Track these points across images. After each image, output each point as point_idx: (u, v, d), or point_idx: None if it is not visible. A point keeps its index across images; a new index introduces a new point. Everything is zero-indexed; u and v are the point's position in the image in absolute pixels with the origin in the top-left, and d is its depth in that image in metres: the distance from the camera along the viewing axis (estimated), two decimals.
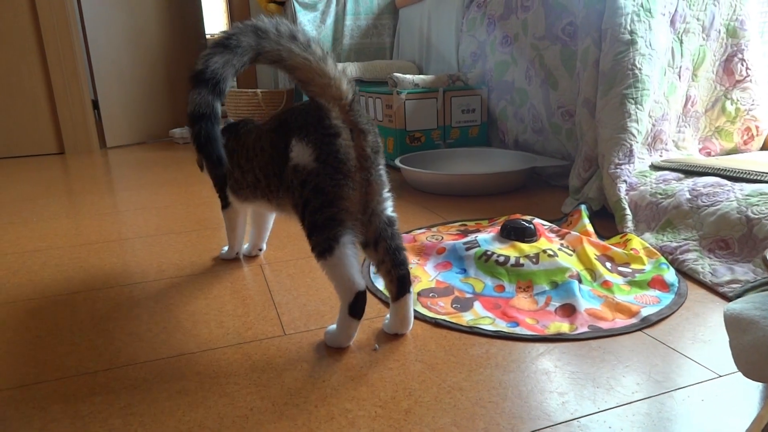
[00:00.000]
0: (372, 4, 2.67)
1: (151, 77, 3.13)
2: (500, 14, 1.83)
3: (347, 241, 0.66)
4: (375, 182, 0.68)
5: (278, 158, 0.71)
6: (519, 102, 1.78)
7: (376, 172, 0.69)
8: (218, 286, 0.96)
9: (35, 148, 2.75)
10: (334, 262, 0.66)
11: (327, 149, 0.64)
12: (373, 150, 0.68)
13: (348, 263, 0.66)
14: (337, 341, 0.72)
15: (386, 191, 0.71)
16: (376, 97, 2.01)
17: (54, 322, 0.84)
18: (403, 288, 0.71)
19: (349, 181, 0.65)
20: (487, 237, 1.00)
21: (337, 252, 0.66)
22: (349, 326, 0.70)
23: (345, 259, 0.66)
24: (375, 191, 0.69)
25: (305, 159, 0.66)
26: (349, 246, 0.66)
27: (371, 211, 0.70)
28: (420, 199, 1.50)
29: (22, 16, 2.59)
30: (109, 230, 1.33)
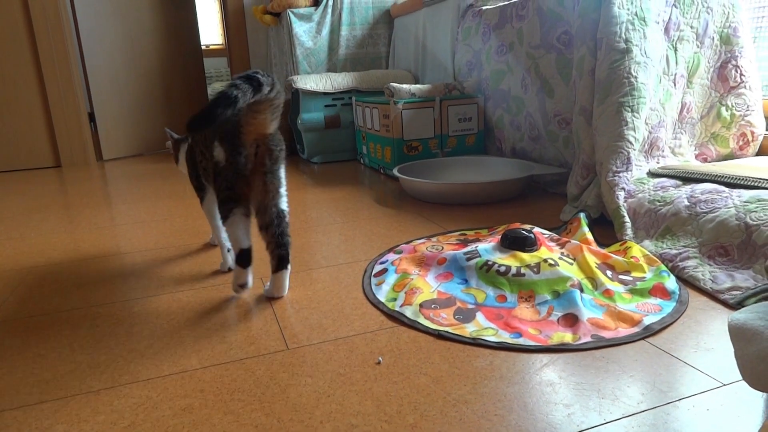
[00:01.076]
0: (367, 15, 2.68)
1: (147, 89, 3.13)
2: (495, 23, 1.84)
3: (238, 213, 0.91)
4: (271, 183, 0.91)
5: (210, 154, 0.94)
6: (515, 110, 1.78)
7: (273, 176, 0.91)
8: (219, 300, 0.95)
9: (31, 162, 2.74)
10: (228, 225, 0.92)
11: (234, 156, 0.88)
12: (273, 162, 0.90)
13: (238, 228, 0.92)
14: (234, 284, 0.95)
15: (282, 189, 0.94)
16: (373, 107, 2.02)
17: (55, 339, 0.83)
18: (281, 264, 0.94)
19: (244, 178, 0.89)
20: (488, 247, 1.00)
21: (230, 220, 0.91)
22: (239, 272, 0.94)
23: (235, 225, 0.91)
24: (270, 189, 0.91)
25: (221, 157, 0.90)
26: (239, 217, 0.91)
27: (267, 203, 0.91)
28: (419, 209, 1.50)
29: (18, 30, 2.60)
30: (107, 245, 1.32)
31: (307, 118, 2.32)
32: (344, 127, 2.39)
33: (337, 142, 2.40)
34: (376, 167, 2.13)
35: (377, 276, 1.01)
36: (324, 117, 2.33)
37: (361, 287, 0.98)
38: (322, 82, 2.31)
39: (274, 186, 0.91)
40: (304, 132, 2.35)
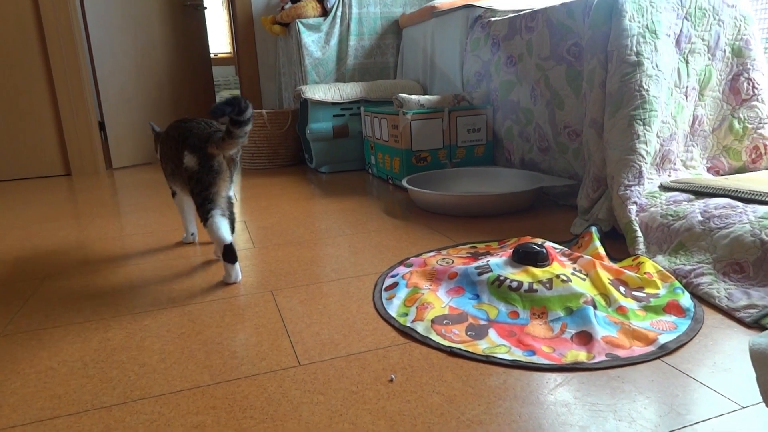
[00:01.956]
0: (375, 25, 2.70)
1: (156, 98, 3.15)
2: (504, 35, 1.84)
3: (217, 213, 1.08)
4: (229, 180, 1.12)
5: (178, 159, 1.10)
6: (524, 121, 1.78)
7: (231, 175, 1.12)
8: (230, 313, 0.95)
9: (42, 170, 2.77)
10: (209, 227, 1.07)
11: (206, 161, 1.06)
12: (234, 165, 1.12)
13: (218, 228, 1.07)
14: (225, 279, 1.10)
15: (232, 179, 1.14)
16: (382, 118, 2.03)
17: (67, 352, 0.83)
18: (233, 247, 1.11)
19: (219, 179, 1.07)
20: (499, 261, 0.99)
21: (210, 221, 1.07)
22: (229, 268, 1.09)
23: (215, 225, 1.07)
24: (228, 184, 1.12)
25: (192, 164, 1.07)
26: (218, 216, 1.08)
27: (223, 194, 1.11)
28: (428, 221, 1.50)
29: (31, 41, 2.62)
30: (118, 255, 1.33)
31: (316, 127, 2.32)
32: (352, 137, 2.39)
33: (345, 152, 2.40)
34: (385, 177, 2.13)
35: (388, 290, 1.01)
36: (332, 127, 2.34)
37: (372, 301, 0.97)
38: (331, 92, 2.32)
39: (230, 181, 1.13)
40: (313, 141, 2.35)
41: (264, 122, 2.53)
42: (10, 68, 2.62)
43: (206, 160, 1.06)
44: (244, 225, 1.56)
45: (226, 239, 1.07)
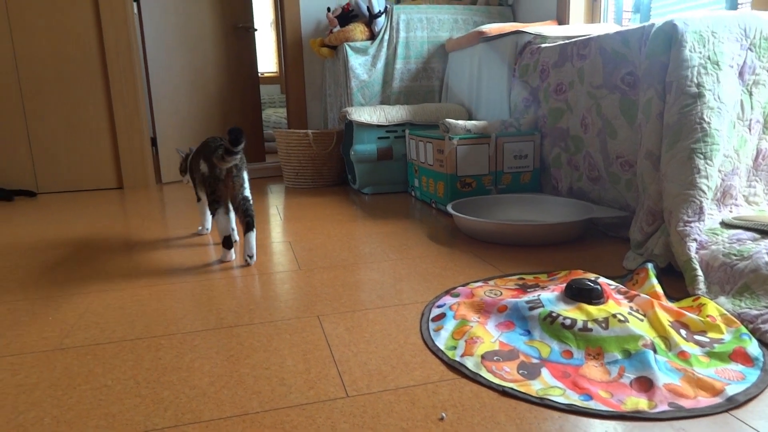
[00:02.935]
0: (422, 49, 2.72)
1: (206, 115, 3.25)
2: (554, 62, 1.82)
3: (221, 210, 1.38)
4: (236, 182, 1.38)
5: (198, 167, 1.43)
6: (574, 149, 1.75)
7: (238, 178, 1.38)
8: (277, 338, 0.95)
9: (96, 183, 2.88)
10: (215, 219, 1.39)
11: (213, 170, 1.36)
12: (237, 170, 1.38)
13: (220, 221, 1.39)
14: (221, 257, 1.43)
15: (245, 184, 1.41)
16: (427, 142, 2.03)
17: (120, 370, 0.85)
18: (248, 227, 1.39)
19: (221, 182, 1.37)
20: (551, 297, 0.97)
21: (216, 215, 1.38)
22: (225, 252, 1.42)
23: (220, 218, 1.39)
24: (237, 185, 1.39)
25: (204, 170, 1.38)
26: (221, 212, 1.38)
27: (236, 194, 1.39)
28: (473, 248, 1.48)
29: (91, 58, 2.76)
30: (167, 270, 1.36)
31: (360, 149, 2.34)
32: (396, 160, 2.40)
33: (388, 174, 2.41)
34: (428, 201, 2.12)
35: (435, 321, 0.99)
36: (377, 149, 2.36)
37: (419, 332, 0.96)
38: (376, 115, 2.34)
39: (239, 183, 1.39)
40: (357, 163, 2.37)
41: (309, 142, 2.57)
42: (72, 84, 2.76)
43: (212, 168, 1.37)
44: (289, 246, 1.57)
45: (226, 230, 1.40)
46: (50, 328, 1.02)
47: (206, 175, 1.38)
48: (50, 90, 2.74)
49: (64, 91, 2.76)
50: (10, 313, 1.11)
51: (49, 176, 2.82)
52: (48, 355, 0.91)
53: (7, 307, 1.15)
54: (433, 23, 2.71)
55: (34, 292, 1.24)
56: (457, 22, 2.73)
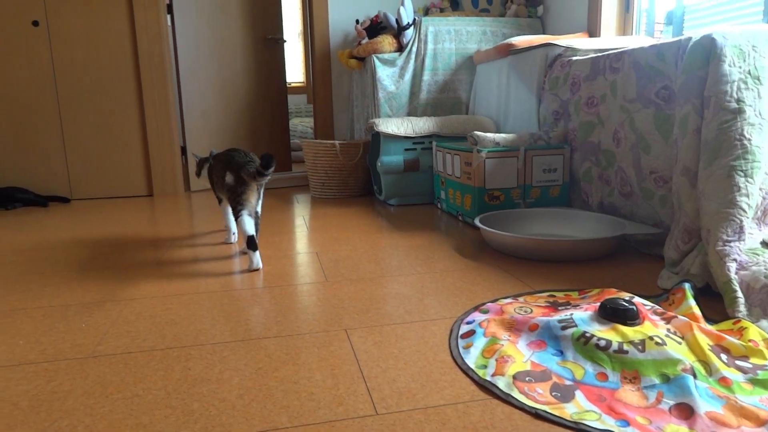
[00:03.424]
0: (450, 61, 2.71)
1: (235, 125, 3.30)
2: (586, 75, 1.80)
3: (245, 213, 1.48)
4: (257, 197, 1.55)
5: (223, 176, 1.54)
6: (605, 163, 1.72)
7: (259, 192, 1.55)
8: (305, 351, 0.95)
9: (127, 190, 2.94)
10: (239, 222, 1.47)
11: (238, 181, 1.48)
12: (259, 187, 1.55)
13: (245, 223, 1.47)
14: (249, 266, 1.48)
15: (260, 200, 1.58)
16: (455, 154, 2.02)
17: (151, 380, 0.86)
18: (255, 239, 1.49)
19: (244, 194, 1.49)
20: (584, 316, 0.94)
21: (240, 219, 1.47)
22: (251, 254, 1.47)
23: (244, 221, 1.47)
24: (255, 200, 1.53)
25: (230, 180, 1.50)
26: (245, 215, 1.48)
27: (254, 206, 1.52)
28: (501, 262, 1.46)
29: (126, 69, 2.83)
30: (196, 281, 1.37)
31: (387, 160, 2.34)
32: (423, 171, 2.39)
33: (414, 186, 2.41)
34: (454, 213, 2.11)
35: (464, 338, 0.98)
36: (403, 160, 2.35)
37: (448, 349, 0.95)
38: (404, 126, 2.34)
39: (257, 199, 1.55)
40: (383, 174, 2.37)
41: (336, 153, 2.58)
42: (106, 93, 2.83)
43: (238, 179, 1.49)
44: (316, 256, 1.58)
45: (249, 232, 1.47)
46: (83, 336, 1.04)
47: (231, 185, 1.49)
48: (85, 99, 2.82)
49: (99, 101, 2.83)
50: (44, 319, 1.13)
51: (82, 183, 2.89)
52: (81, 362, 0.93)
53: (42, 312, 1.17)
54: (461, 35, 2.70)
55: (69, 297, 1.27)
56: (486, 34, 2.73)
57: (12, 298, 1.28)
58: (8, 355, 0.96)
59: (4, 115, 2.76)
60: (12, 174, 2.82)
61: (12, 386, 0.85)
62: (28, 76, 2.75)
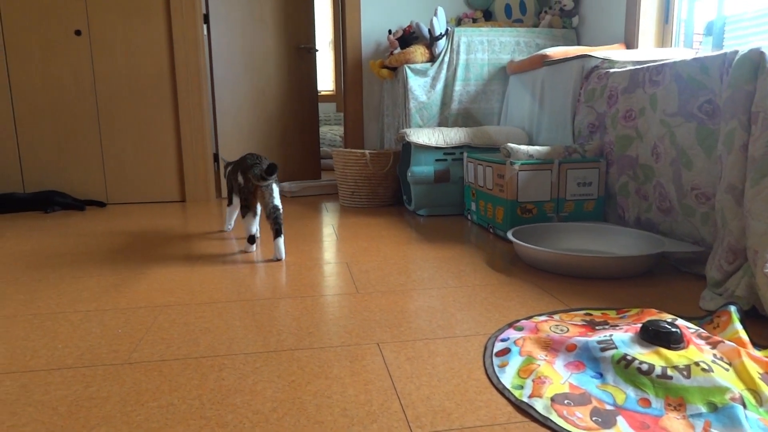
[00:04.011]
0: (482, 71, 2.70)
1: (266, 133, 3.34)
2: (624, 87, 1.76)
3: (250, 213, 1.70)
4: (267, 193, 1.66)
5: (236, 178, 1.74)
6: (643, 178, 1.68)
7: (267, 190, 1.66)
8: (337, 364, 0.95)
9: (161, 195, 3.00)
10: (244, 219, 1.69)
11: (247, 183, 1.65)
12: (266, 188, 1.66)
13: (250, 222, 1.71)
14: (246, 248, 1.75)
15: (275, 194, 1.68)
16: (487, 166, 2.00)
17: (186, 388, 0.86)
18: (277, 234, 1.65)
19: (252, 193, 1.67)
20: (625, 338, 0.91)
21: (246, 217, 1.69)
22: (248, 246, 1.73)
23: (249, 220, 1.70)
24: (266, 196, 1.66)
25: (240, 181, 1.68)
26: (250, 215, 1.70)
27: (267, 202, 1.66)
28: (534, 278, 1.43)
29: (163, 78, 2.89)
30: (228, 288, 1.38)
31: (418, 171, 2.34)
32: (453, 182, 2.38)
33: (444, 197, 2.39)
34: (485, 226, 2.08)
35: (499, 356, 0.96)
36: (434, 171, 2.34)
37: (483, 367, 0.93)
38: (435, 137, 2.33)
39: (269, 194, 1.66)
40: (413, 184, 2.36)
41: (366, 162, 2.59)
42: (143, 101, 2.90)
43: (246, 181, 1.67)
44: (346, 267, 1.57)
45: (251, 231, 1.73)
46: (119, 341, 1.06)
47: (242, 186, 1.70)
48: (123, 107, 2.89)
49: (136, 108, 2.90)
50: (81, 323, 1.16)
51: (118, 188, 2.96)
52: (118, 368, 0.94)
53: (80, 316, 1.20)
54: (494, 45, 2.69)
55: (105, 302, 1.29)
56: (519, 45, 2.70)
57: (52, 301, 1.31)
58: (48, 359, 0.98)
59: (48, 121, 2.85)
60: (53, 178, 2.90)
61: (52, 390, 0.86)
62: (70, 84, 2.84)
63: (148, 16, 2.83)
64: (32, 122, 2.85)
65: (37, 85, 2.81)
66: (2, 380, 0.90)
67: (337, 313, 1.19)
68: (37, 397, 0.84)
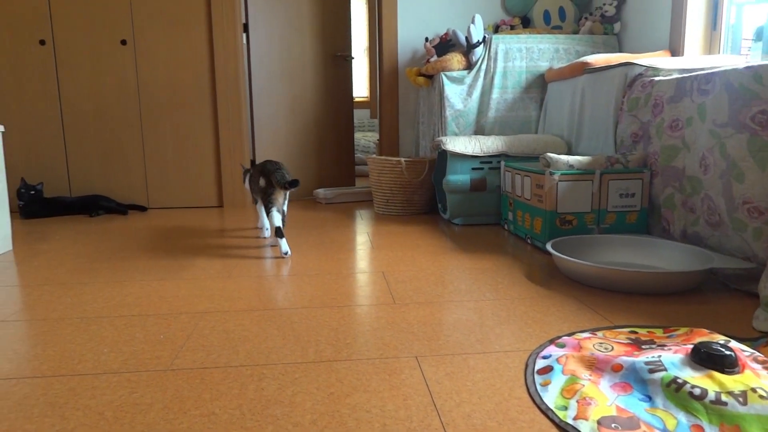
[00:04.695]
0: (520, 79, 2.66)
1: (302, 140, 3.38)
2: (670, 96, 1.71)
3: (274, 209, 1.86)
4: (282, 198, 1.91)
5: (257, 181, 1.96)
6: (690, 190, 1.62)
7: (282, 197, 1.91)
8: (376, 377, 0.94)
9: (199, 201, 3.06)
10: (270, 216, 1.85)
11: (269, 185, 1.88)
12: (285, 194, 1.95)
13: (273, 217, 1.85)
14: (280, 251, 1.86)
15: (286, 201, 2.01)
16: (525, 175, 1.96)
17: (227, 397, 0.87)
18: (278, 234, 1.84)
19: (274, 195, 1.88)
20: (675, 360, 0.88)
21: (270, 213, 1.85)
22: (279, 241, 1.83)
23: (273, 216, 1.85)
24: (282, 200, 1.92)
25: (263, 184, 1.90)
26: (275, 211, 1.86)
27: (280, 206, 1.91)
28: (574, 292, 1.40)
29: (203, 85, 2.96)
30: (266, 297, 1.40)
31: (454, 179, 2.32)
32: (489, 191, 2.35)
33: (480, 206, 2.36)
34: (522, 236, 2.05)
35: (541, 374, 0.93)
36: (470, 179, 2.32)
37: (525, 385, 0.91)
38: (471, 145, 2.31)
39: (283, 199, 1.94)
40: (449, 193, 2.35)
41: (401, 170, 2.58)
42: (184, 109, 2.97)
43: (269, 183, 1.88)
44: (382, 276, 1.57)
45: (277, 224, 1.85)
46: (161, 348, 1.08)
47: (264, 187, 1.92)
48: (165, 114, 2.97)
49: (177, 116, 2.97)
50: (126, 328, 1.18)
51: (158, 193, 3.04)
52: (160, 375, 0.96)
53: (124, 321, 1.23)
54: (532, 53, 2.65)
55: (147, 307, 1.32)
56: (558, 52, 2.66)
57: (97, 305, 1.35)
58: (95, 363, 1.01)
59: (94, 128, 2.95)
60: (98, 183, 3.00)
61: (98, 395, 0.89)
62: (115, 92, 2.93)
63: (190, 25, 2.90)
64: (79, 129, 2.95)
65: (84, 92, 2.92)
66: (52, 383, 0.93)
67: (375, 324, 1.19)
68: (84, 401, 0.87)
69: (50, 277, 1.61)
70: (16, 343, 1.11)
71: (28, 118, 2.92)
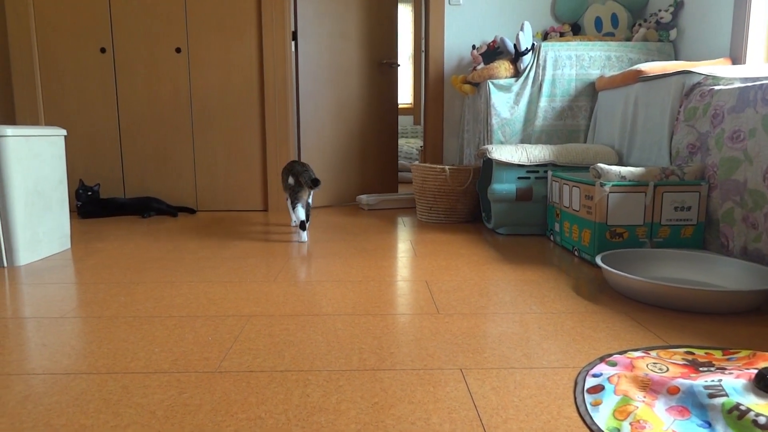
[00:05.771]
0: (569, 87, 2.61)
1: (346, 146, 3.41)
2: (731, 106, 1.63)
3: (299, 205, 2.24)
4: (308, 195, 2.27)
5: (286, 179, 2.30)
6: (752, 205, 1.54)
7: (308, 194, 2.26)
8: (420, 389, 0.93)
9: (245, 204, 3.13)
10: (295, 210, 2.24)
11: (297, 183, 2.23)
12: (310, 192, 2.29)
13: (299, 211, 2.23)
14: (297, 238, 2.27)
15: (310, 195, 2.31)
16: (574, 186, 1.92)
17: (272, 402, 0.88)
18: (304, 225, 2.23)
19: (301, 191, 2.23)
20: (737, 385, 0.83)
21: (296, 208, 2.24)
22: (301, 232, 2.22)
23: (298, 210, 2.23)
24: (308, 196, 2.27)
25: (291, 182, 2.25)
26: (299, 206, 2.24)
27: (305, 200, 2.26)
28: (625, 308, 1.35)
29: (252, 91, 3.03)
30: (310, 302, 1.41)
31: (499, 189, 2.29)
32: (536, 201, 2.30)
33: (526, 216, 2.32)
34: (570, 248, 2.00)
35: (591, 393, 0.90)
36: (516, 189, 2.28)
37: (574, 404, 0.88)
38: (518, 154, 2.28)
39: (309, 196, 2.25)
40: (494, 202, 2.32)
41: (445, 178, 2.57)
42: (233, 114, 3.05)
43: (297, 183, 2.19)
44: (426, 285, 1.56)
45: (301, 218, 2.19)
46: (209, 349, 1.10)
47: (292, 185, 2.22)
48: (215, 119, 3.06)
49: (226, 121, 3.06)
50: (176, 328, 1.22)
51: (207, 196, 3.12)
52: (209, 376, 0.98)
53: (174, 321, 1.26)
54: (582, 61, 2.59)
55: (195, 308, 1.35)
56: (610, 60, 2.59)
57: (149, 305, 1.39)
58: (146, 362, 1.04)
59: (150, 132, 3.07)
60: (151, 185, 3.12)
61: (149, 394, 0.91)
62: (170, 98, 3.04)
63: (242, 33, 2.98)
64: (134, 133, 3.07)
65: (140, 99, 3.04)
66: (106, 381, 0.96)
67: (418, 334, 1.18)
68: (136, 399, 0.89)
69: (105, 276, 1.68)
70: (73, 340, 1.16)
71: (88, 123, 3.06)
